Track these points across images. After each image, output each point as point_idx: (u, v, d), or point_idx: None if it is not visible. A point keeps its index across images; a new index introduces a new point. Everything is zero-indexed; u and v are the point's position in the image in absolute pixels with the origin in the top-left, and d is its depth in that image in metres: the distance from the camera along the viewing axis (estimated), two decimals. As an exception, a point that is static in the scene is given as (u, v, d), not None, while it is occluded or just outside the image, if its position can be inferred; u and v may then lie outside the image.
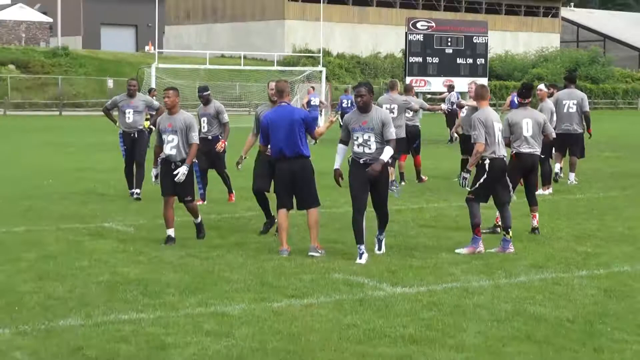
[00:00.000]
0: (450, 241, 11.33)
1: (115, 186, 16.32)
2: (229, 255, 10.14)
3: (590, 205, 15.82)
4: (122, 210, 13.93)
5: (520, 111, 11.61)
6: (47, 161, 22.99)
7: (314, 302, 7.72)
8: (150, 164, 11.64)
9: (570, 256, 10.33)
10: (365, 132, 9.08)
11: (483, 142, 9.93)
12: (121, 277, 8.73)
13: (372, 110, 9.14)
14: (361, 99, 9.08)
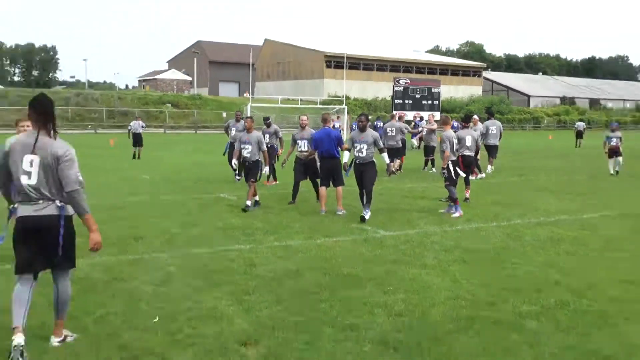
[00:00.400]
0: (417, 206, 13.82)
1: (224, 173, 18.47)
2: (291, 213, 12.46)
3: (500, 185, 18.52)
4: (229, 188, 16.30)
5: (465, 130, 14.73)
6: (188, 159, 24.92)
7: (339, 239, 9.83)
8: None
9: (487, 214, 12.79)
10: (362, 143, 11.80)
11: (449, 151, 12.64)
12: (230, 225, 11.08)
13: (367, 130, 11.99)
14: (361, 123, 12.04)
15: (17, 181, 5.11)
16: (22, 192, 5.12)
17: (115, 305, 6.46)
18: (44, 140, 5.06)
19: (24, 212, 5.15)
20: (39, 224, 5.14)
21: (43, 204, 5.15)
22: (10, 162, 5.11)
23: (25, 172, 5.06)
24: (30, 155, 5.05)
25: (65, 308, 5.44)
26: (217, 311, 6.30)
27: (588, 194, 16.21)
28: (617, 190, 17.19)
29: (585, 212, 13.22)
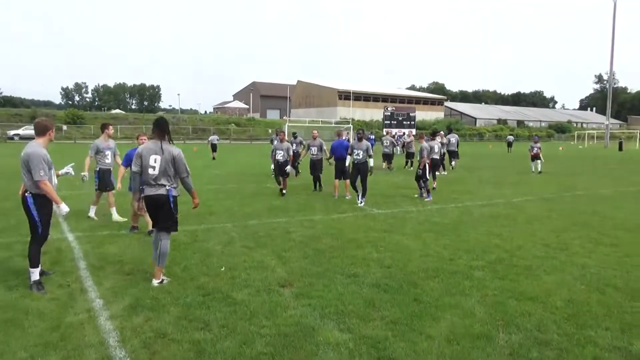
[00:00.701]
0: (400, 193, 13.52)
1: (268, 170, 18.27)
2: (313, 197, 12.38)
3: (457, 179, 18.28)
4: (271, 180, 16.69)
5: (433, 142, 14.46)
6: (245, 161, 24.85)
7: (347, 215, 9.79)
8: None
9: (448, 199, 12.53)
10: (359, 150, 11.32)
11: (426, 157, 12.50)
12: (272, 205, 10.96)
13: (363, 140, 11.46)
14: (359, 135, 11.61)
15: (144, 172, 5.48)
16: (147, 180, 5.47)
17: (195, 259, 6.47)
18: (165, 146, 5.47)
19: (147, 192, 5.51)
20: (156, 200, 5.49)
21: (158, 187, 5.48)
22: (143, 161, 5.49)
23: (151, 167, 5.44)
24: (155, 155, 5.44)
25: (163, 259, 5.52)
26: (264, 263, 6.30)
27: (516, 184, 15.95)
28: (536, 182, 16.97)
29: (515, 197, 13.02)
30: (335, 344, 4.01)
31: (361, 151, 11.31)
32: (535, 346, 4.02)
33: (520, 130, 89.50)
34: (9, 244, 7.10)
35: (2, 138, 47.84)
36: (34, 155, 5.13)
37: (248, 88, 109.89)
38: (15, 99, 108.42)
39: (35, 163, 5.10)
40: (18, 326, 4.26)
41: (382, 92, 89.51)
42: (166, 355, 3.78)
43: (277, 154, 12.82)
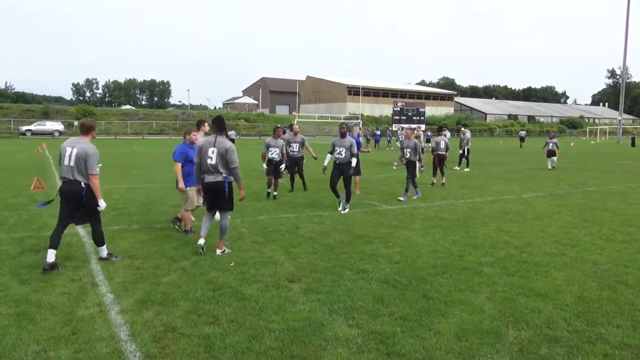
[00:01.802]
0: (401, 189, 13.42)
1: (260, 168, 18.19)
2: (323, 193, 12.28)
3: (466, 174, 18.18)
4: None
5: (439, 137, 14.69)
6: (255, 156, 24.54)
7: (356, 211, 9.75)
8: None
9: (457, 194, 12.46)
10: (341, 148, 9.70)
11: (421, 153, 12.34)
12: (282, 200, 10.95)
13: (346, 137, 9.81)
14: (342, 130, 9.88)
15: (204, 163, 6.37)
16: (206, 168, 6.38)
17: (204, 254, 6.48)
18: (220, 139, 6.37)
19: (207, 180, 6.42)
20: (214, 186, 6.41)
21: (216, 175, 6.39)
22: (202, 153, 6.39)
23: (209, 157, 6.34)
24: (212, 148, 6.35)
25: (224, 233, 6.55)
26: (273, 258, 6.31)
27: (526, 180, 15.82)
28: (546, 178, 16.82)
29: (525, 193, 12.92)
30: (344, 339, 4.01)
31: (344, 149, 9.75)
32: (545, 343, 3.99)
33: (532, 125, 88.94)
34: (21, 239, 7.18)
35: (14, 133, 48.36)
36: (95, 154, 5.89)
37: (257, 84, 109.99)
38: (27, 95, 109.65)
39: (93, 159, 5.85)
40: (30, 320, 4.32)
41: (392, 88, 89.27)
42: (176, 349, 3.81)
43: (271, 151, 11.47)
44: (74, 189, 5.81)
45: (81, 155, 5.78)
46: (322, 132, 58.13)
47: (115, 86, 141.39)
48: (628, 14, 55.67)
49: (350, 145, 9.72)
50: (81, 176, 5.80)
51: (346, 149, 9.72)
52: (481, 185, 14.51)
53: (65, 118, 55.63)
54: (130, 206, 10.05)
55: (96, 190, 5.88)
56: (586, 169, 20.50)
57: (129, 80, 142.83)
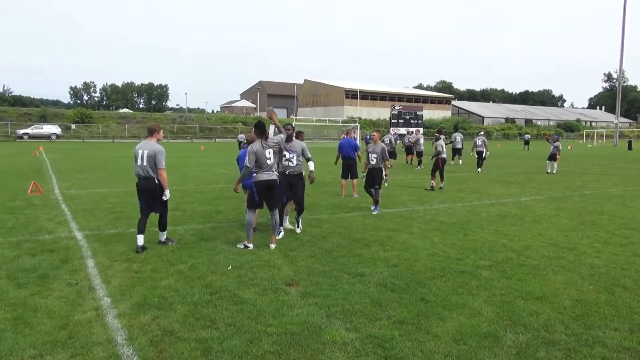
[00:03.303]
0: (407, 192, 13.52)
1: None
2: (321, 195, 11.86)
3: (464, 178, 18.28)
4: None
5: (439, 140, 14.02)
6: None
7: (354, 214, 9.73)
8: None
9: (455, 198, 12.43)
10: (292, 153, 7.87)
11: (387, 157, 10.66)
12: None
13: (294, 140, 7.97)
14: (288, 131, 7.78)
15: (260, 164, 6.91)
16: (263, 169, 6.92)
17: (202, 257, 6.48)
18: (266, 142, 6.97)
19: (264, 178, 6.93)
20: (271, 183, 7.00)
21: (271, 173, 6.99)
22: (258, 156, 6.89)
23: (267, 158, 6.92)
24: (269, 149, 6.95)
25: (276, 228, 7.20)
26: (270, 262, 6.29)
27: (525, 184, 15.83)
28: (544, 181, 16.84)
29: (523, 196, 12.93)
30: (341, 343, 4.01)
31: (294, 155, 7.89)
32: (543, 346, 3.99)
33: (529, 129, 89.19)
34: (18, 243, 7.15)
35: (12, 137, 48.25)
36: (162, 151, 6.76)
37: (255, 87, 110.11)
38: (25, 99, 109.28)
39: (160, 156, 6.71)
40: (27, 324, 4.30)
41: (389, 91, 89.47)
42: (173, 353, 3.80)
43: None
44: (149, 185, 6.78)
45: (151, 155, 6.70)
46: (320, 135, 58.23)
47: (112, 89, 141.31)
48: (624, 18, 55.98)
49: (302, 149, 8.13)
50: (153, 173, 6.74)
51: (297, 154, 8.02)
52: (480, 188, 14.52)
53: (62, 121, 55.55)
54: (128, 209, 10.01)
55: (164, 182, 6.80)
56: (584, 173, 20.55)
57: (126, 83, 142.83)
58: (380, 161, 10.28)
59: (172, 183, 7.68)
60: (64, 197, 11.78)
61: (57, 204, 10.77)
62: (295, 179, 7.95)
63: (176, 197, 11.71)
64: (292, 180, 7.91)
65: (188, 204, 10.84)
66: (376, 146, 10.38)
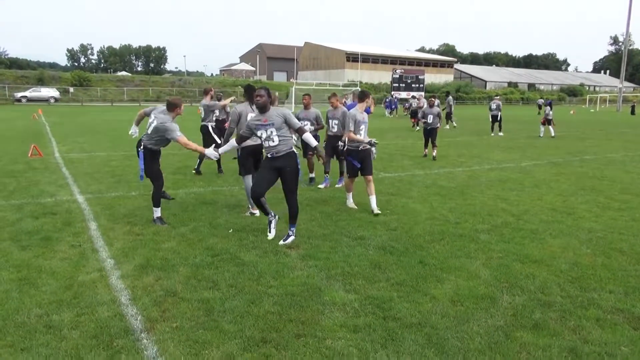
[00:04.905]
0: (407, 156, 13.46)
1: None
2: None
3: (465, 143, 18.30)
4: None
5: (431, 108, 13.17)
6: None
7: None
8: None
9: (455, 162, 12.41)
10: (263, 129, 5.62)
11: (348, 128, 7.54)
12: None
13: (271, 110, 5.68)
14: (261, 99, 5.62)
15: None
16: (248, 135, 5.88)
17: (203, 220, 6.52)
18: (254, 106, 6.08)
19: (249, 143, 6.29)
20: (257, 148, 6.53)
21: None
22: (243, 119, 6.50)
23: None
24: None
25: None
26: (271, 225, 6.32)
27: (526, 149, 15.78)
28: (545, 146, 16.78)
29: (523, 161, 12.92)
30: (341, 304, 4.08)
31: (273, 129, 5.58)
32: (539, 308, 4.07)
33: (531, 93, 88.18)
34: (20, 206, 7.20)
35: (10, 100, 47.82)
36: (172, 130, 6.10)
37: (254, 50, 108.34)
38: (21, 61, 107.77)
39: (170, 133, 6.10)
40: (32, 284, 4.37)
41: (391, 54, 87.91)
42: (176, 313, 3.88)
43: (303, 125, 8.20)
44: (137, 150, 6.36)
45: (160, 129, 6.17)
46: (319, 99, 57.73)
47: (110, 52, 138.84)
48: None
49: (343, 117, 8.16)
50: (150, 143, 6.26)
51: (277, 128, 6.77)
52: (480, 153, 14.48)
53: (60, 84, 54.91)
54: (128, 173, 10.03)
55: (191, 144, 6.11)
56: (585, 137, 20.46)
57: (124, 45, 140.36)
58: (341, 128, 8.67)
59: (172, 147, 7.60)
60: (64, 160, 11.79)
61: (57, 167, 10.79)
62: (282, 162, 5.61)
63: (176, 161, 11.72)
64: (277, 164, 5.64)
65: (189, 167, 10.85)
66: (336, 111, 8.93)
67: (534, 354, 3.37)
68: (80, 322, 3.69)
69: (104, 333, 3.53)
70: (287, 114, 5.67)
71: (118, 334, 3.53)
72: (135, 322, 3.71)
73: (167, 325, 3.66)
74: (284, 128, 5.61)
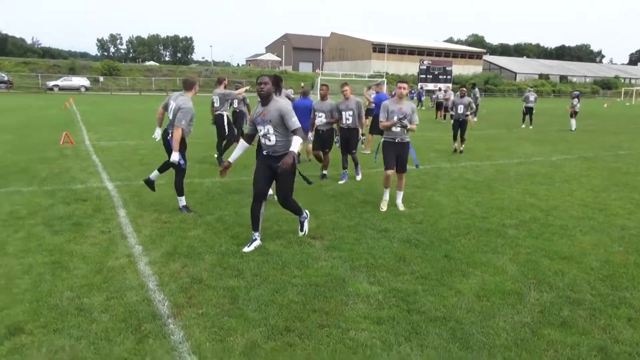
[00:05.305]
0: (434, 149, 13.27)
1: None
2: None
3: (493, 136, 17.99)
4: None
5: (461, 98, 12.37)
6: None
7: (379, 171, 9.41)
8: None
9: (482, 156, 12.20)
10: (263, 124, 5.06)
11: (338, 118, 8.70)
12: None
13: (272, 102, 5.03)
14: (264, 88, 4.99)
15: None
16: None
17: (229, 210, 6.60)
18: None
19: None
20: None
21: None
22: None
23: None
24: None
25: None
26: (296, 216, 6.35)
27: (557, 142, 15.42)
28: (577, 140, 16.35)
29: (554, 155, 12.62)
30: (365, 295, 4.08)
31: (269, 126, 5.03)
32: (567, 305, 3.99)
33: (563, 85, 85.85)
34: (53, 192, 7.41)
35: (43, 88, 49.08)
36: (186, 110, 6.10)
37: (281, 40, 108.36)
38: (53, 50, 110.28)
39: (183, 115, 6.07)
40: (64, 268, 4.51)
41: (418, 45, 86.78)
42: (202, 299, 3.95)
43: (318, 117, 8.57)
44: (165, 139, 6.42)
45: (176, 110, 6.17)
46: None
47: (139, 42, 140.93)
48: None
49: (357, 107, 8.42)
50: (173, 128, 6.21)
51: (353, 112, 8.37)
52: (509, 146, 14.20)
53: (90, 74, 56.06)
54: (158, 162, 10.12)
55: (175, 142, 6.10)
56: (619, 132, 19.84)
57: (152, 35, 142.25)
58: (356, 120, 8.54)
59: (197, 136, 7.68)
60: (95, 148, 12.06)
61: (88, 155, 11.04)
62: (278, 162, 4.99)
63: (202, 150, 11.83)
64: (272, 163, 5.10)
65: (215, 157, 10.96)
66: (349, 102, 8.52)
67: (561, 352, 3.31)
68: (109, 306, 3.79)
69: (132, 317, 3.62)
70: (286, 111, 4.94)
71: (146, 318, 3.61)
72: (162, 308, 3.79)
73: (193, 312, 3.73)
74: (282, 126, 4.97)
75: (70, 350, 3.19)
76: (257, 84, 5.03)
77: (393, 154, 6.72)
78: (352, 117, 8.50)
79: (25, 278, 4.28)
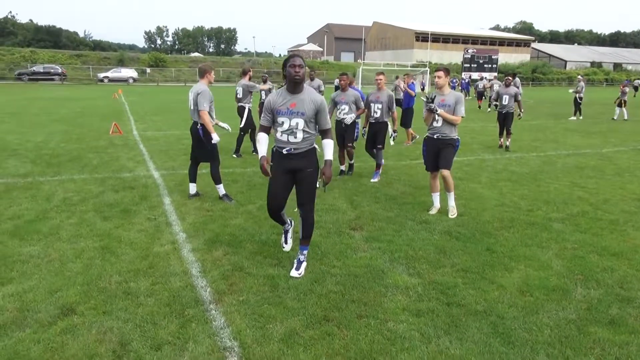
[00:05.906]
0: (477, 140, 12.87)
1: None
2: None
3: (539, 126, 17.37)
4: None
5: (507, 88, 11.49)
6: None
7: (419, 161, 9.30)
8: None
9: (529, 147, 11.77)
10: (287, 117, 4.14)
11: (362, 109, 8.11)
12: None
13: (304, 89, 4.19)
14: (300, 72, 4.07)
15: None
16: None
17: (270, 199, 6.67)
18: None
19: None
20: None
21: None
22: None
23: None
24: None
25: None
26: (335, 206, 6.38)
27: (608, 134, 14.75)
28: (630, 131, 15.57)
29: (605, 147, 12.08)
30: (404, 287, 4.06)
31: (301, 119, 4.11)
32: (616, 303, 3.83)
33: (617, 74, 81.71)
34: (103, 179, 7.72)
35: (94, 80, 51.01)
36: (204, 92, 6.19)
37: (322, 30, 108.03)
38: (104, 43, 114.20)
39: (202, 98, 6.16)
40: (112, 253, 4.70)
41: (462, 33, 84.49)
42: (243, 287, 4.03)
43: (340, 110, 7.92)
44: (192, 129, 6.44)
45: (194, 98, 6.27)
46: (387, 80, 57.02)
47: (184, 34, 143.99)
48: None
49: (389, 100, 7.86)
50: (198, 117, 6.30)
51: (383, 104, 7.83)
52: (557, 138, 13.68)
53: (138, 65, 57.75)
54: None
55: (207, 125, 6.22)
56: (678, 123, 18.76)
57: (197, 27, 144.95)
58: (386, 114, 7.97)
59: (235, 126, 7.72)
60: (142, 138, 12.45)
61: (135, 144, 11.42)
62: (299, 162, 4.18)
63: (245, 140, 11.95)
64: (292, 164, 4.19)
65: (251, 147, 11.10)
66: (381, 94, 7.97)
67: (609, 351, 3.18)
68: (155, 291, 3.93)
69: (176, 302, 3.74)
70: (324, 106, 4.14)
71: (189, 303, 3.72)
72: (205, 294, 3.89)
73: (234, 298, 3.81)
74: (313, 122, 4.14)
75: (118, 331, 3.32)
76: (290, 66, 4.04)
77: (432, 153, 6.08)
78: (381, 111, 7.90)
79: (77, 262, 4.49)
